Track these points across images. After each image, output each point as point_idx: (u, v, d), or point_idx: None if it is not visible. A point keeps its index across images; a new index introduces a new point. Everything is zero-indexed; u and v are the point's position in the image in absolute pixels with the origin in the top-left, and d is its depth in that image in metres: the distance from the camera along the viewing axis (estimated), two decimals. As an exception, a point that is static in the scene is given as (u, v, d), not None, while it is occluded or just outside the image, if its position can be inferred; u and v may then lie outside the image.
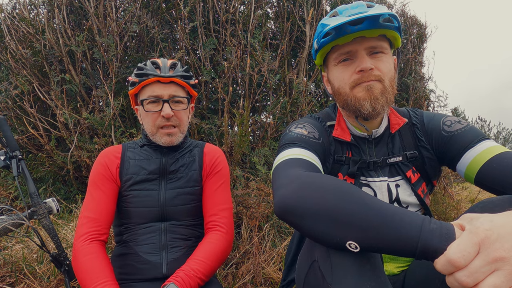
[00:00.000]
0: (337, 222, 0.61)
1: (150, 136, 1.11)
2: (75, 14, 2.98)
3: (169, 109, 1.06)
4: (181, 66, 1.13)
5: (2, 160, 1.21)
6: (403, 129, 0.99)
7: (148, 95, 1.07)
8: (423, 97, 3.37)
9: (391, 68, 0.91)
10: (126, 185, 1.08)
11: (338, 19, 0.88)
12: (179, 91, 1.10)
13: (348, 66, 0.91)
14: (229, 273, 1.69)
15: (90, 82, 2.80)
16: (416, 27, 3.81)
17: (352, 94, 0.90)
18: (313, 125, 0.98)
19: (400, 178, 0.96)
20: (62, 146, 2.87)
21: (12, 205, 2.65)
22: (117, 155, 1.12)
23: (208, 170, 1.16)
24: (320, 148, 0.91)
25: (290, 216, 0.67)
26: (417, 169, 0.97)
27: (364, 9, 0.89)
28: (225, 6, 2.79)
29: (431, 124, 0.96)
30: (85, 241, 0.97)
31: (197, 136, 2.58)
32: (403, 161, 0.96)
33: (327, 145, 0.96)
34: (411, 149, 0.97)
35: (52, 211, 1.26)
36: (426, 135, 0.97)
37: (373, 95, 0.87)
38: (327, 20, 0.92)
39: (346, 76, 0.91)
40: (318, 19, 3.07)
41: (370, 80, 0.87)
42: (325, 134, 0.98)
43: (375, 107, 0.87)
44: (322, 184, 0.67)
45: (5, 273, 1.60)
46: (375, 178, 0.95)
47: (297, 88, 2.64)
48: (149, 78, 1.06)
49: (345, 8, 0.92)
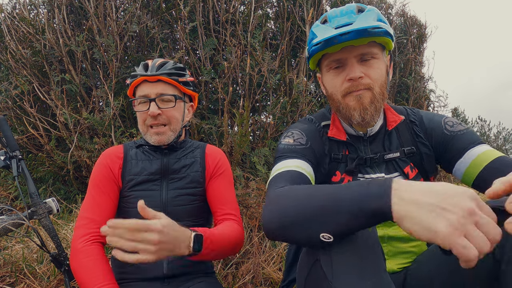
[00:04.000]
0: (303, 225, 0.67)
1: (143, 135, 1.13)
2: (75, 14, 2.98)
3: (155, 108, 1.06)
4: (173, 64, 1.13)
5: (2, 160, 1.21)
6: (400, 126, 1.00)
7: (138, 95, 1.10)
8: (423, 97, 3.37)
9: (382, 73, 0.93)
10: (128, 185, 1.08)
11: (326, 29, 0.89)
12: (168, 89, 1.10)
13: (339, 73, 0.93)
14: (229, 273, 1.69)
15: (90, 82, 2.80)
16: (416, 27, 3.81)
17: (344, 102, 0.93)
18: (302, 129, 1.00)
19: (397, 174, 0.97)
20: (62, 146, 2.87)
21: (12, 205, 2.65)
22: (120, 156, 1.12)
23: (212, 172, 1.16)
24: (308, 152, 0.94)
25: (274, 237, 0.76)
26: (415, 165, 0.98)
27: (352, 18, 0.89)
28: (225, 6, 2.79)
29: (432, 123, 0.97)
30: (86, 242, 0.96)
31: (197, 136, 2.58)
32: (400, 156, 0.97)
33: (319, 146, 0.98)
34: (408, 145, 0.98)
35: (52, 211, 1.26)
36: (425, 132, 0.98)
37: (363, 105, 0.90)
38: (317, 28, 0.94)
39: (338, 83, 0.93)
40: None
41: (360, 89, 0.90)
42: (318, 135, 1.00)
43: (364, 117, 0.91)
44: (285, 197, 0.73)
45: (5, 273, 1.60)
46: (371, 175, 0.96)
47: (297, 88, 2.64)
48: (137, 78, 1.08)
49: (334, 14, 0.93)
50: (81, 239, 0.97)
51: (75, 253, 0.96)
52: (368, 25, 0.84)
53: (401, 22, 3.85)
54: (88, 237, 0.97)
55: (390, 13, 3.85)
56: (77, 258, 0.94)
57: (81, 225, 1.00)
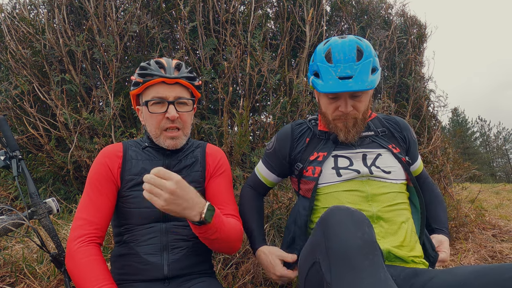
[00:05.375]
0: None
1: (154, 138, 1.09)
2: (75, 14, 2.98)
3: (175, 111, 1.04)
4: (185, 67, 1.12)
5: (2, 160, 1.21)
6: (373, 120, 1.27)
7: (152, 96, 1.05)
8: (423, 97, 3.37)
9: (367, 102, 1.15)
10: (127, 185, 1.06)
11: (331, 77, 1.05)
12: (184, 93, 1.08)
13: (333, 102, 1.13)
14: (229, 273, 1.69)
15: (90, 82, 2.80)
16: (416, 27, 3.81)
17: (334, 123, 1.16)
18: (278, 135, 1.30)
19: (384, 150, 1.17)
20: (62, 146, 2.87)
21: (12, 205, 2.65)
22: (119, 154, 1.10)
23: (212, 171, 1.16)
24: (272, 157, 1.30)
25: None
26: (396, 146, 1.20)
27: (353, 69, 1.04)
28: (225, 6, 2.79)
29: (404, 124, 1.28)
30: (82, 243, 0.95)
31: (197, 136, 2.58)
32: (374, 135, 1.20)
33: (286, 145, 1.26)
34: (380, 128, 1.24)
35: (52, 211, 1.26)
36: (398, 126, 1.27)
37: (347, 128, 1.14)
38: (323, 69, 1.08)
39: (331, 109, 1.14)
40: (318, 19, 3.07)
41: (347, 119, 1.13)
42: (290, 135, 1.26)
43: (347, 137, 1.14)
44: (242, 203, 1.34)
45: (5, 273, 1.60)
46: (353, 150, 1.16)
47: (297, 88, 2.64)
48: (154, 78, 1.03)
49: (338, 58, 1.06)
50: (77, 240, 0.95)
51: (70, 254, 0.94)
52: (364, 86, 1.03)
53: (401, 22, 3.84)
54: (84, 238, 0.96)
55: (390, 13, 3.84)
56: (73, 259, 0.93)
57: (77, 226, 0.98)
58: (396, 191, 1.09)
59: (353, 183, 1.09)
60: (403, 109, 3.26)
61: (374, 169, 1.10)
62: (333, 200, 1.09)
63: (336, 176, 1.11)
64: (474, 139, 38.25)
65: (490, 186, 7.01)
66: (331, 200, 1.09)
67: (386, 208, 1.05)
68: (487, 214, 3.40)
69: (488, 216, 3.32)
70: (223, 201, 1.13)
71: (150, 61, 1.09)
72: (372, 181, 1.09)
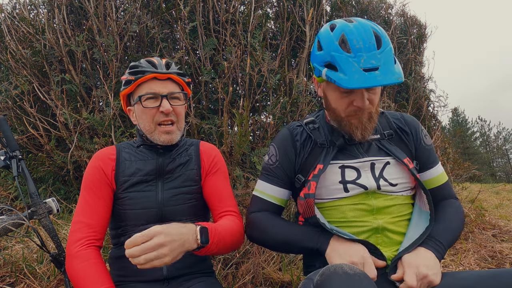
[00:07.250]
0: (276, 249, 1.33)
1: (148, 134, 1.09)
2: (75, 14, 2.98)
3: (169, 105, 1.06)
4: (175, 65, 1.14)
5: (2, 160, 1.21)
6: (380, 118, 1.12)
7: (145, 91, 1.06)
8: (423, 97, 3.37)
9: (379, 94, 1.04)
10: (122, 187, 1.06)
11: (355, 69, 0.89)
12: (176, 88, 1.10)
13: (345, 96, 0.99)
14: (229, 273, 1.69)
15: (90, 82, 2.80)
16: (416, 27, 3.81)
17: (347, 120, 1.02)
18: (276, 143, 1.13)
19: (391, 158, 1.06)
20: (62, 146, 2.87)
21: (12, 205, 2.66)
22: (112, 157, 1.10)
23: (207, 169, 1.15)
24: (279, 172, 1.10)
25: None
26: (403, 150, 1.08)
27: (376, 58, 0.90)
28: (225, 6, 2.79)
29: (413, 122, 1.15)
30: (82, 246, 0.95)
31: (197, 136, 2.58)
32: (381, 138, 1.08)
33: (290, 154, 1.10)
34: (387, 130, 1.11)
35: (52, 211, 1.26)
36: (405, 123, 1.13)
37: (363, 124, 1.01)
38: (342, 59, 0.91)
39: (343, 104, 1.01)
40: (318, 19, 3.07)
41: (363, 115, 1.01)
42: (291, 141, 1.11)
43: (364, 135, 1.02)
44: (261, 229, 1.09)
45: (5, 273, 1.60)
46: (360, 159, 1.05)
47: (297, 88, 2.64)
48: (146, 75, 1.04)
49: (358, 46, 0.90)
50: (76, 244, 0.96)
51: (70, 258, 0.94)
52: (394, 79, 0.90)
53: (401, 22, 3.85)
54: (83, 241, 0.96)
55: (390, 13, 3.85)
56: (73, 263, 0.93)
57: (76, 229, 0.99)
58: (402, 203, 1.05)
59: (359, 197, 1.03)
60: (403, 109, 3.26)
61: (381, 183, 1.02)
62: (337, 213, 1.04)
63: (343, 192, 1.02)
64: (474, 139, 38.27)
65: (490, 186, 7.01)
66: (335, 213, 1.05)
67: (391, 219, 1.01)
68: (487, 214, 3.39)
69: (488, 216, 3.32)
70: (221, 198, 1.12)
71: (140, 60, 1.10)
72: (379, 195, 1.03)
